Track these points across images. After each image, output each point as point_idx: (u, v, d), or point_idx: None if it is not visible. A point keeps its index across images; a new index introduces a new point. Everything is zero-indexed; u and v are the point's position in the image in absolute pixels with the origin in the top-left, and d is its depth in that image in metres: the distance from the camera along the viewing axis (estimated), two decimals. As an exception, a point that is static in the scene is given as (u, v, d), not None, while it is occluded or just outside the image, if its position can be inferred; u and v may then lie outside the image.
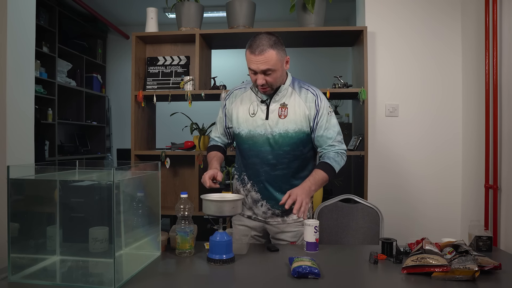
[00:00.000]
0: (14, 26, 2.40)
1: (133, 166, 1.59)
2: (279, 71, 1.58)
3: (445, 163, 2.58)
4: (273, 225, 1.78)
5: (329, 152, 1.68)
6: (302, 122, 1.65)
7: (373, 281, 1.35)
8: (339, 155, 1.68)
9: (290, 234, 1.77)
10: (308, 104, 1.65)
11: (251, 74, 1.60)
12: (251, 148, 1.70)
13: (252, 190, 1.74)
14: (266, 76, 1.57)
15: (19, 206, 1.32)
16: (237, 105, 1.74)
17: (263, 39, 1.54)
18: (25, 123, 2.51)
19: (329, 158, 1.66)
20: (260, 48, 1.53)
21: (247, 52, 1.57)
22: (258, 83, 1.58)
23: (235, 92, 1.79)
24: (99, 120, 5.45)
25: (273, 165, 1.68)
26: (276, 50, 1.55)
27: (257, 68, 1.55)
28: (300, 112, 1.65)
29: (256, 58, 1.53)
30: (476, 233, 1.63)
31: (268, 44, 1.53)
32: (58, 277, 1.30)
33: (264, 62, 1.53)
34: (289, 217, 1.76)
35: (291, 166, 1.70)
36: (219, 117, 1.85)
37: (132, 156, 2.58)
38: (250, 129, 1.68)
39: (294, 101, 1.66)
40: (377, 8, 2.61)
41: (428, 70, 2.59)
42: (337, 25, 2.58)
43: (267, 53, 1.52)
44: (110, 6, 5.02)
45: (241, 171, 1.79)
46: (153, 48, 2.79)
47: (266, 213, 1.76)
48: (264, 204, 1.74)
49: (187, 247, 1.50)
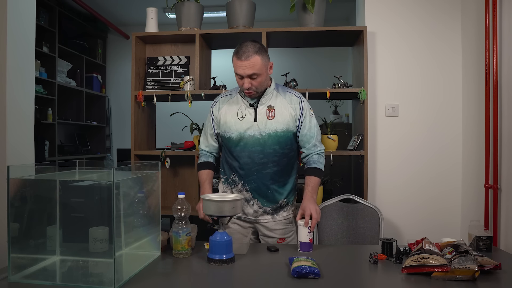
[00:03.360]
0: (14, 26, 2.40)
1: (133, 166, 1.59)
2: (264, 75, 1.71)
3: (445, 163, 2.58)
4: (263, 223, 1.85)
5: (313, 155, 1.84)
6: (289, 122, 1.78)
7: (373, 281, 1.35)
8: (321, 156, 1.86)
9: (280, 232, 1.86)
10: (293, 106, 1.79)
11: (238, 79, 1.72)
12: (243, 149, 1.79)
13: (244, 190, 1.82)
14: (252, 80, 1.69)
15: (19, 206, 1.32)
16: (225, 111, 1.84)
17: (249, 46, 1.66)
18: (25, 123, 2.51)
19: (314, 162, 1.83)
20: (246, 54, 1.65)
21: (234, 58, 1.69)
22: (245, 86, 1.69)
23: (221, 99, 1.89)
24: (99, 120, 5.45)
25: (264, 163, 1.78)
26: (261, 56, 1.67)
27: (244, 73, 1.67)
28: (287, 113, 1.78)
29: (242, 64, 1.66)
30: (476, 233, 1.63)
31: (253, 51, 1.65)
32: (58, 277, 1.30)
33: (250, 67, 1.65)
34: (279, 215, 1.85)
35: (280, 164, 1.81)
36: (206, 125, 1.93)
37: (132, 156, 2.58)
38: (240, 131, 1.78)
39: (281, 103, 1.79)
40: (377, 8, 2.61)
41: (428, 70, 2.59)
42: (337, 25, 2.58)
43: (252, 58, 1.65)
44: (110, 6, 5.02)
45: (229, 173, 1.86)
46: (153, 48, 2.79)
47: (257, 211, 1.84)
48: (256, 203, 1.83)
49: (179, 248, 1.49)
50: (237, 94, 1.86)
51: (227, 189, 1.87)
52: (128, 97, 3.79)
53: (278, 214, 1.85)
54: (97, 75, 5.40)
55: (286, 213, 1.87)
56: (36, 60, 3.53)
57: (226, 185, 1.88)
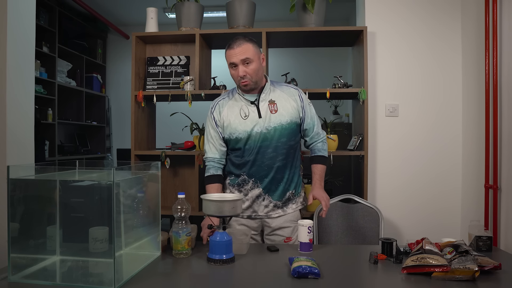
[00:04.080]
0: (14, 26, 2.40)
1: (133, 166, 1.59)
2: (257, 63, 1.75)
3: (445, 163, 2.57)
4: (272, 220, 1.85)
5: (317, 143, 1.92)
6: (292, 113, 1.82)
7: (373, 281, 1.35)
8: (325, 143, 1.94)
9: (287, 230, 1.86)
10: (293, 98, 1.84)
11: (233, 70, 1.77)
12: (251, 147, 1.80)
13: (255, 187, 1.82)
14: (246, 68, 1.73)
15: (19, 206, 1.32)
16: (227, 113, 1.84)
17: (240, 37, 1.76)
18: (25, 123, 2.51)
19: (319, 150, 1.91)
20: (238, 42, 1.73)
21: (226, 51, 1.76)
22: (240, 74, 1.73)
23: (220, 102, 1.89)
24: (99, 120, 5.45)
25: (273, 157, 1.80)
26: (252, 44, 1.75)
27: (237, 59, 1.72)
28: (288, 105, 1.82)
29: (235, 51, 1.72)
30: (476, 233, 1.63)
31: (244, 40, 1.75)
32: (58, 277, 1.30)
33: (242, 52, 1.72)
34: (288, 208, 1.87)
35: (288, 156, 1.84)
36: (209, 132, 1.89)
37: (132, 156, 2.58)
38: (247, 130, 1.79)
39: (280, 96, 1.84)
40: (377, 8, 2.61)
41: (428, 70, 2.59)
42: (337, 25, 2.58)
43: (244, 45, 1.73)
44: (110, 6, 5.02)
45: (238, 174, 1.85)
46: (153, 48, 2.79)
47: (268, 206, 1.84)
48: (266, 198, 1.83)
49: (179, 248, 1.49)
50: (235, 94, 1.87)
51: (235, 189, 1.86)
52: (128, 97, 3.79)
53: (288, 206, 1.86)
54: (97, 75, 5.40)
55: (295, 205, 1.89)
56: (36, 60, 3.53)
57: (233, 187, 1.87)
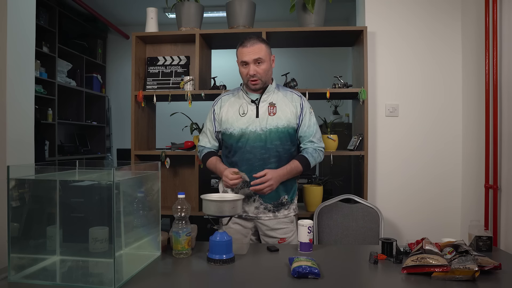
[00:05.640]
0: (14, 26, 2.40)
1: (133, 166, 1.59)
2: (267, 64, 1.79)
3: (445, 163, 2.57)
4: (264, 221, 1.86)
5: (309, 148, 1.88)
6: (290, 118, 1.83)
7: (373, 281, 1.35)
8: (317, 152, 1.89)
9: (281, 231, 1.86)
10: (294, 104, 1.86)
11: (243, 68, 1.79)
12: (245, 145, 1.82)
13: (245, 186, 1.82)
14: (257, 67, 1.76)
15: (19, 206, 1.32)
16: (227, 108, 1.88)
17: (254, 37, 1.79)
18: (25, 123, 2.51)
19: (307, 153, 1.87)
20: (252, 41, 1.77)
21: (239, 48, 1.79)
22: (250, 73, 1.76)
23: (223, 98, 1.94)
24: (99, 120, 5.44)
25: (266, 159, 1.81)
26: (265, 45, 1.79)
27: (250, 58, 1.75)
28: (288, 110, 1.84)
29: (248, 50, 1.76)
30: (476, 233, 1.63)
31: (258, 40, 1.78)
32: (58, 277, 1.30)
33: (255, 52, 1.75)
34: (280, 213, 1.86)
35: (282, 159, 1.83)
36: (206, 124, 1.96)
37: (132, 156, 2.58)
38: (242, 127, 1.82)
39: (282, 100, 1.85)
40: (377, 8, 2.61)
41: (428, 70, 2.59)
42: (337, 25, 2.57)
43: (257, 45, 1.77)
44: (110, 6, 5.02)
45: None
46: (153, 48, 2.79)
47: (258, 208, 1.85)
48: (257, 199, 1.84)
49: (179, 248, 1.49)
50: (239, 91, 1.90)
51: (227, 188, 1.87)
52: (128, 97, 3.79)
53: (279, 211, 1.86)
54: (97, 75, 5.40)
55: (287, 211, 1.88)
56: (36, 60, 3.53)
57: None
